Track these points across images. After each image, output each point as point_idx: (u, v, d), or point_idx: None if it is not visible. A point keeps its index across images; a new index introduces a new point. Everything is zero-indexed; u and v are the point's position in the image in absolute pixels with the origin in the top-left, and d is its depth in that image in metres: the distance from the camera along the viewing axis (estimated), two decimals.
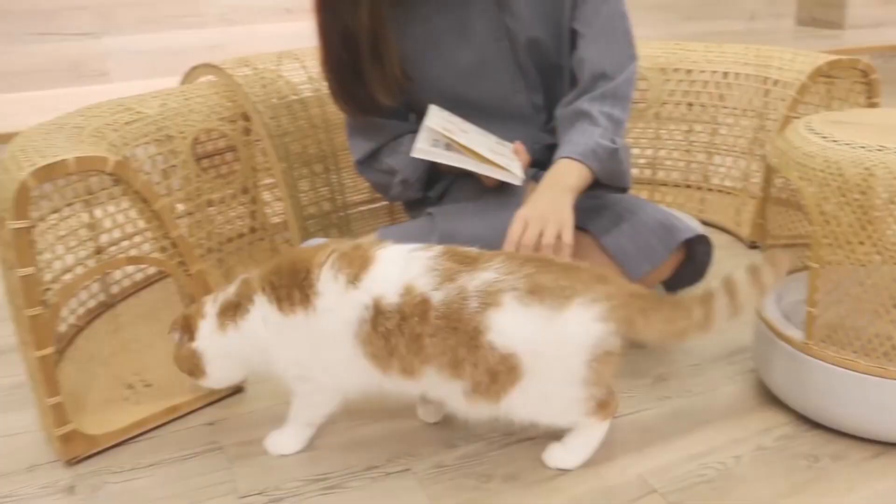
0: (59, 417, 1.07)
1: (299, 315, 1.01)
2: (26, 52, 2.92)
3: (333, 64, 1.30)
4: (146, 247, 1.30)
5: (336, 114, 1.68)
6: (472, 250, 1.02)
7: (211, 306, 1.07)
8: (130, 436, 1.15)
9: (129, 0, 3.01)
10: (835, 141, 1.05)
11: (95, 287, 1.45)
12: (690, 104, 1.91)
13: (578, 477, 1.05)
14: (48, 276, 1.08)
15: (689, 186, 1.95)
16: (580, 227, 1.27)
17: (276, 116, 1.59)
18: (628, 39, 1.33)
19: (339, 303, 0.99)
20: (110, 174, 1.06)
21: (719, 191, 1.90)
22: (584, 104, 1.29)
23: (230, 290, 1.07)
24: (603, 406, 1.02)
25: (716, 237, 1.82)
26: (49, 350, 1.04)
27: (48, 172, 1.00)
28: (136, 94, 1.48)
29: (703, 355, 1.34)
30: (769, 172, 1.21)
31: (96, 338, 1.41)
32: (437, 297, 0.96)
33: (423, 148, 1.25)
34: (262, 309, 1.03)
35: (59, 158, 1.01)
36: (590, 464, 1.06)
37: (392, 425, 1.16)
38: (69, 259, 1.11)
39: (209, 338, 1.06)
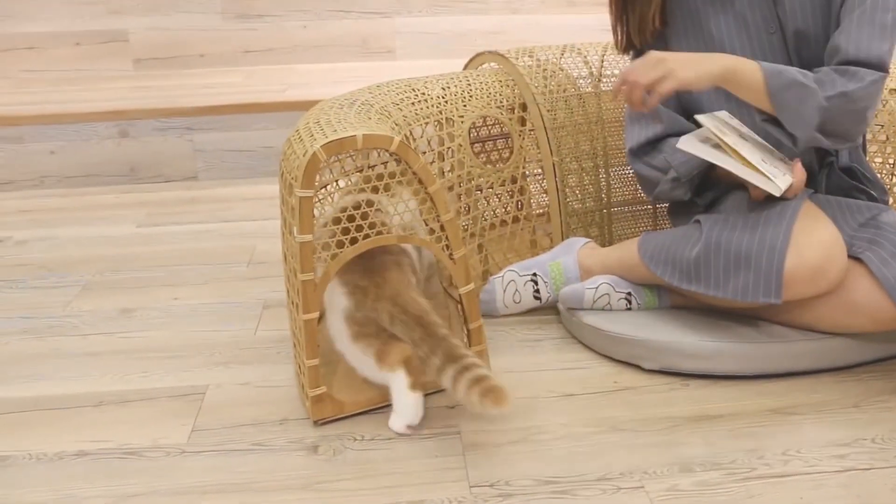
0: (314, 379, 1.12)
1: None
2: (324, 28, 3.12)
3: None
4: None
5: (612, 111, 1.64)
6: None
7: None
8: (375, 406, 1.18)
9: None
10: None
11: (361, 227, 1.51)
12: None
13: None
14: (322, 252, 1.13)
15: None
16: (853, 257, 1.22)
17: (553, 109, 1.57)
18: (885, 36, 1.19)
19: None
20: (393, 153, 1.08)
21: None
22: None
23: None
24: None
25: None
26: (315, 314, 1.09)
27: (338, 147, 1.04)
28: (423, 76, 1.51)
29: None
30: None
31: None
32: None
33: (690, 141, 1.22)
34: None
35: (348, 134, 1.05)
36: None
37: (628, 438, 1.10)
38: (346, 237, 1.14)
39: None
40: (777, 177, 1.18)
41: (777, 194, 1.17)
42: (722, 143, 1.19)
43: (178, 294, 1.62)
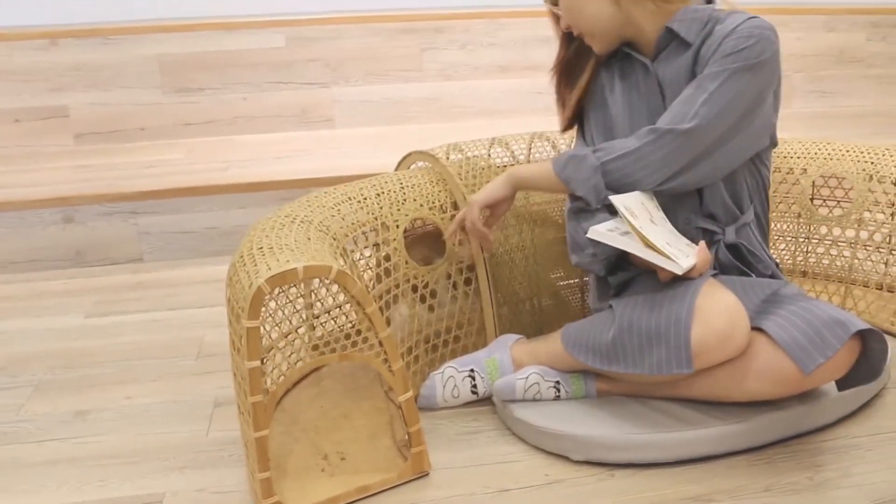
0: (266, 490, 1.20)
1: None
2: (264, 99, 3.21)
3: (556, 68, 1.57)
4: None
5: (539, 205, 1.75)
6: None
7: None
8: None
9: (358, 55, 3.24)
10: None
11: (305, 346, 1.60)
12: (893, 214, 1.82)
13: None
14: (270, 367, 1.21)
15: (881, 288, 1.88)
16: (755, 328, 1.33)
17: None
18: (689, 113, 1.34)
19: None
20: (333, 281, 1.17)
21: None
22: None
23: None
24: None
25: None
26: (265, 432, 1.17)
27: (281, 279, 1.14)
28: (358, 182, 1.61)
29: None
30: None
31: (301, 401, 1.55)
32: None
33: (599, 230, 1.34)
34: None
35: (290, 267, 1.14)
36: None
37: None
38: (292, 355, 1.23)
39: None
40: (680, 258, 1.30)
41: (680, 273, 1.29)
42: (630, 225, 1.31)
43: (130, 392, 1.68)
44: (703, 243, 1.37)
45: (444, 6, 3.75)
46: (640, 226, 1.31)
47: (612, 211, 1.40)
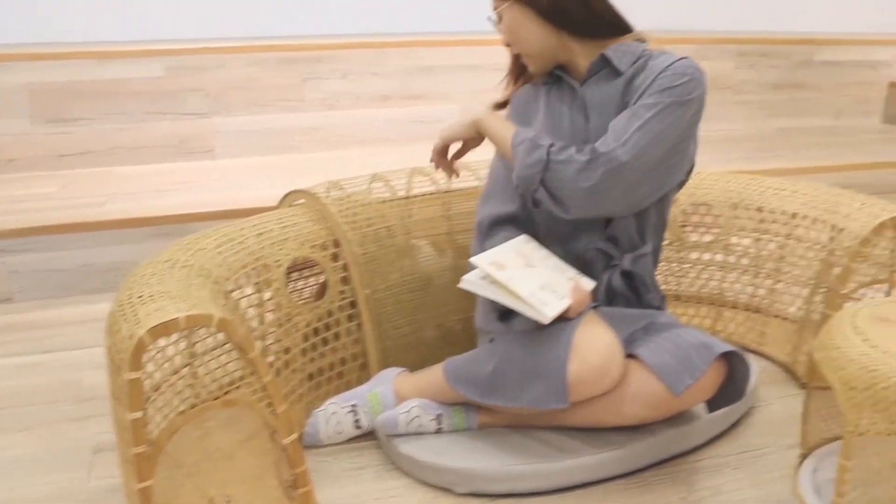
0: None
1: None
2: (142, 129, 3.16)
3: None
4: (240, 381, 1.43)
5: (417, 241, 1.81)
6: None
7: None
8: None
9: (240, 85, 3.23)
10: (874, 346, 1.11)
11: (188, 392, 1.59)
12: (758, 238, 1.97)
13: None
14: (152, 416, 1.21)
15: (749, 309, 2.02)
16: (629, 354, 1.42)
17: (363, 243, 1.71)
18: (623, 137, 1.40)
19: None
20: (215, 328, 1.19)
21: (785, 318, 1.96)
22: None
23: None
24: None
25: (770, 373, 1.87)
26: (150, 482, 1.17)
27: (163, 330, 1.14)
28: (239, 223, 1.62)
29: None
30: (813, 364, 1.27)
31: (184, 444, 1.54)
32: None
33: (470, 279, 1.40)
34: None
35: (172, 317, 1.15)
36: None
37: None
38: (175, 401, 1.24)
39: None
40: (549, 304, 1.36)
41: (546, 322, 1.35)
42: (493, 280, 1.37)
43: (3, 443, 1.62)
44: (578, 283, 1.44)
45: (327, 34, 3.80)
46: (509, 277, 1.37)
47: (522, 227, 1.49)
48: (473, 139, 1.61)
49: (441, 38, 3.48)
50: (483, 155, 1.70)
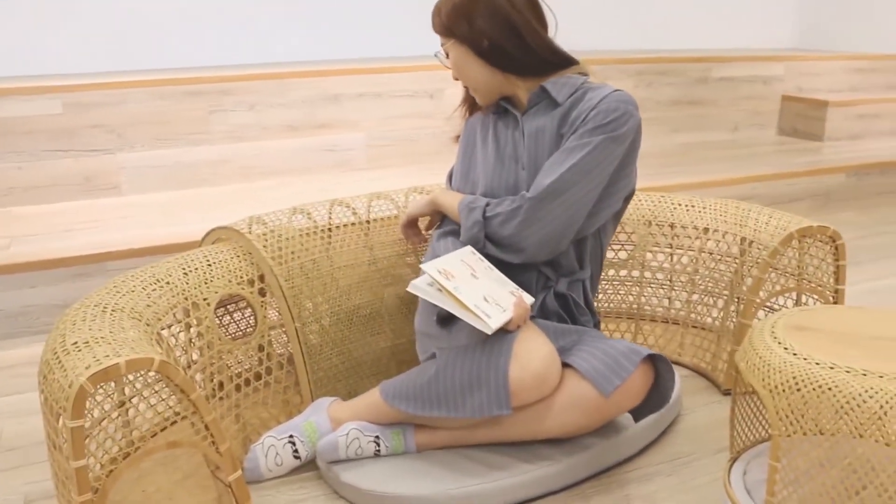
0: None
1: None
2: (43, 168, 3.07)
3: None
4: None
5: (343, 269, 1.84)
6: None
7: None
8: None
9: (144, 119, 3.18)
10: (794, 354, 1.21)
11: (120, 434, 1.57)
12: (672, 253, 2.08)
13: None
14: (94, 463, 1.21)
15: (667, 322, 2.12)
16: (565, 364, 1.49)
17: (289, 277, 1.73)
18: (561, 171, 1.50)
19: None
20: (156, 372, 1.19)
21: (702, 328, 2.07)
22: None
23: None
24: None
25: (692, 382, 1.97)
26: None
27: (104, 376, 1.14)
28: (165, 263, 1.62)
29: None
30: (738, 373, 1.36)
31: (122, 486, 1.52)
32: None
33: (418, 285, 1.45)
34: None
35: (112, 362, 1.15)
36: None
37: None
38: (115, 449, 1.23)
39: None
40: (492, 315, 1.41)
41: (490, 332, 1.40)
42: (441, 286, 1.42)
43: None
44: (520, 297, 1.50)
45: (231, 64, 3.78)
46: (455, 286, 1.42)
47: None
48: (434, 214, 1.77)
49: (347, 67, 3.52)
50: (403, 184, 1.75)
